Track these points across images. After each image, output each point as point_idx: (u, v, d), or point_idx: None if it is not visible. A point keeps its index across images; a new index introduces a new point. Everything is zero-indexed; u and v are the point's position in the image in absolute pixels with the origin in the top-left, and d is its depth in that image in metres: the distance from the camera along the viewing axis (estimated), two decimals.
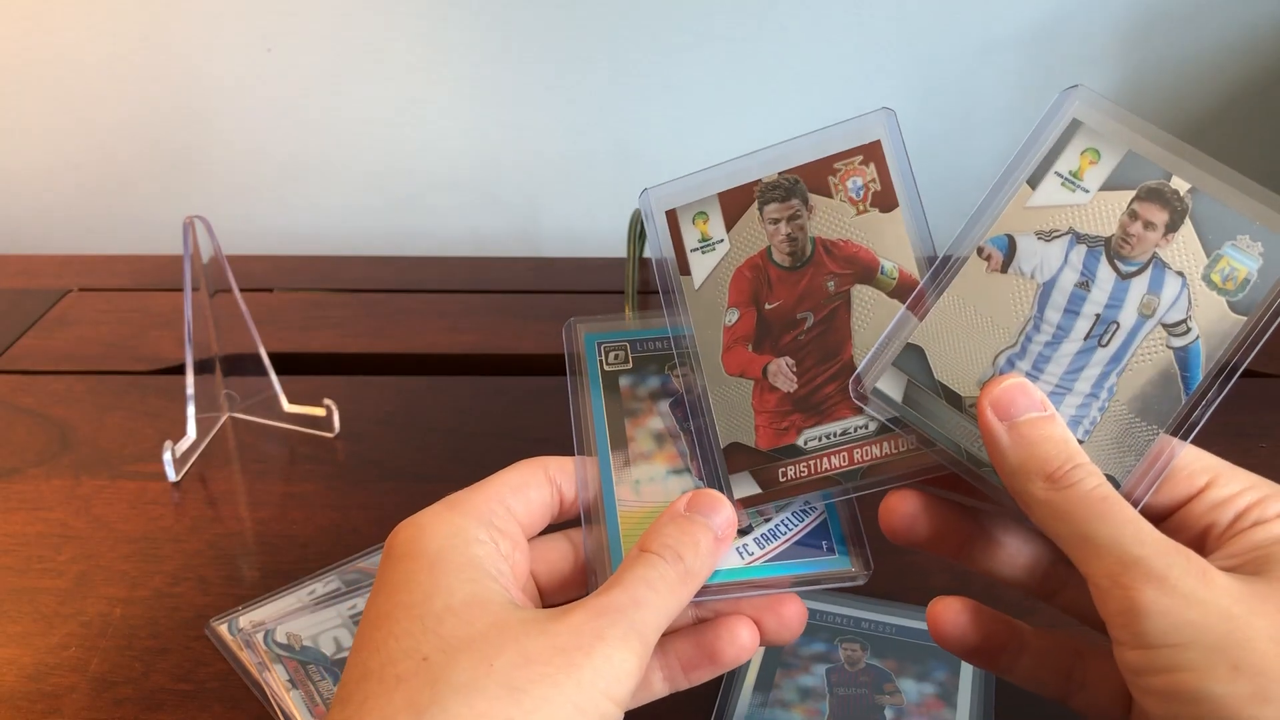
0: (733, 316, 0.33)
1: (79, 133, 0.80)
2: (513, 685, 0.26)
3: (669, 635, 0.32)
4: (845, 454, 0.31)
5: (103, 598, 0.43)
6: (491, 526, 0.31)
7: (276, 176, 0.81)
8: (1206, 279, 0.29)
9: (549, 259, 0.75)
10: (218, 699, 0.38)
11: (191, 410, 0.51)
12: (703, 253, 0.34)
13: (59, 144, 0.80)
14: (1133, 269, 0.30)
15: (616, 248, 0.70)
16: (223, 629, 0.41)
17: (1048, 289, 0.30)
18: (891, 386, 0.31)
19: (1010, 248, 0.31)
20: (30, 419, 0.55)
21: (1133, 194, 0.30)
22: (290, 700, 0.38)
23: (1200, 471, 0.29)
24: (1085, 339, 0.30)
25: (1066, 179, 0.31)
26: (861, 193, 0.33)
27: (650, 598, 0.29)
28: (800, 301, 0.33)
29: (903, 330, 0.31)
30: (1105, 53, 0.76)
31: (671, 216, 0.35)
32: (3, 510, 0.48)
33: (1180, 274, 0.30)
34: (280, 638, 0.40)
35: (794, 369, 0.32)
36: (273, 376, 0.53)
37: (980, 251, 0.31)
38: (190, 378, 0.50)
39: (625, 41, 0.76)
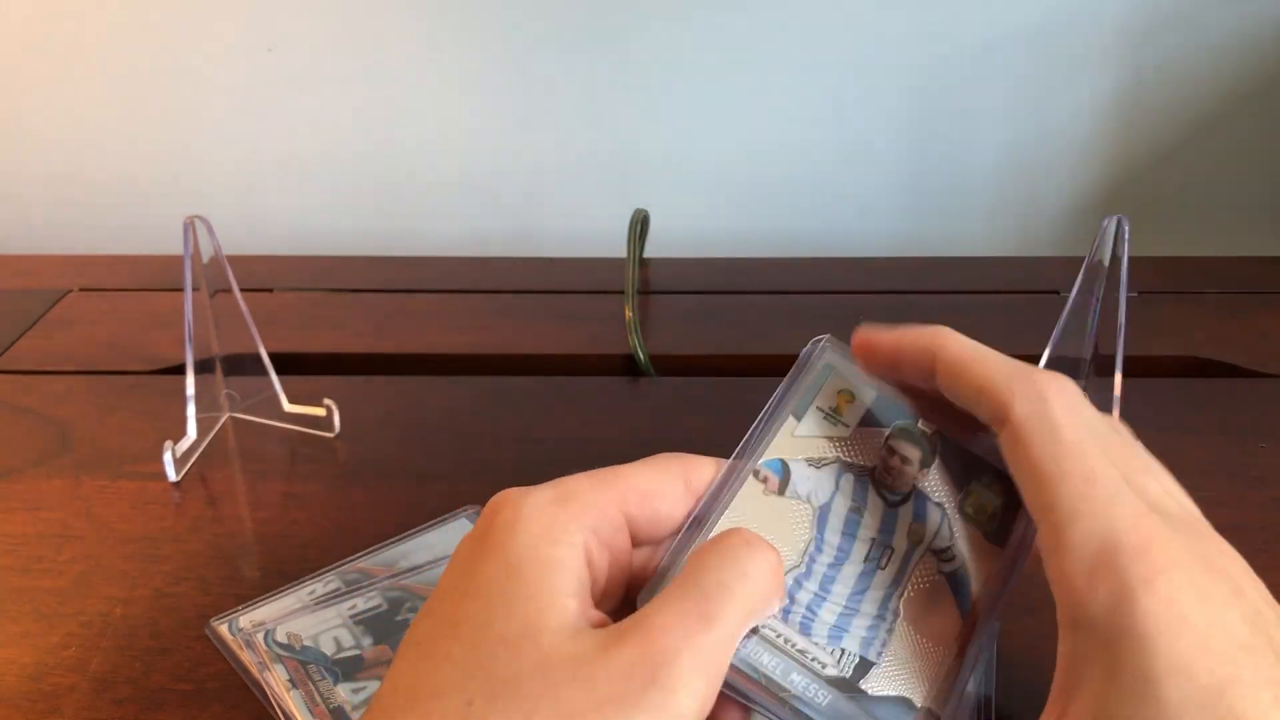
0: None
1: (79, 133, 0.80)
2: None
3: None
4: None
5: (103, 598, 0.43)
6: (597, 534, 0.28)
7: (276, 176, 0.81)
8: (963, 510, 0.32)
9: (549, 259, 0.75)
10: (218, 699, 0.38)
11: (192, 410, 0.51)
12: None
13: (59, 144, 0.80)
14: (897, 499, 0.32)
15: (617, 248, 0.70)
16: (223, 629, 0.41)
17: (824, 513, 0.32)
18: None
19: (785, 471, 0.32)
20: (30, 419, 0.55)
21: (887, 431, 0.33)
22: (290, 700, 0.38)
23: (1038, 475, 0.28)
24: (865, 561, 0.31)
25: (828, 413, 0.34)
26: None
27: (727, 610, 0.26)
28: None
29: (685, 551, 0.30)
30: (1105, 53, 0.76)
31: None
32: (3, 510, 0.48)
33: (940, 505, 0.32)
34: (280, 637, 0.40)
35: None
36: (273, 376, 0.53)
37: (757, 474, 0.32)
38: (190, 378, 0.50)
39: (626, 41, 0.76)
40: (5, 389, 0.58)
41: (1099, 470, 0.27)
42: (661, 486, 0.30)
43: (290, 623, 0.41)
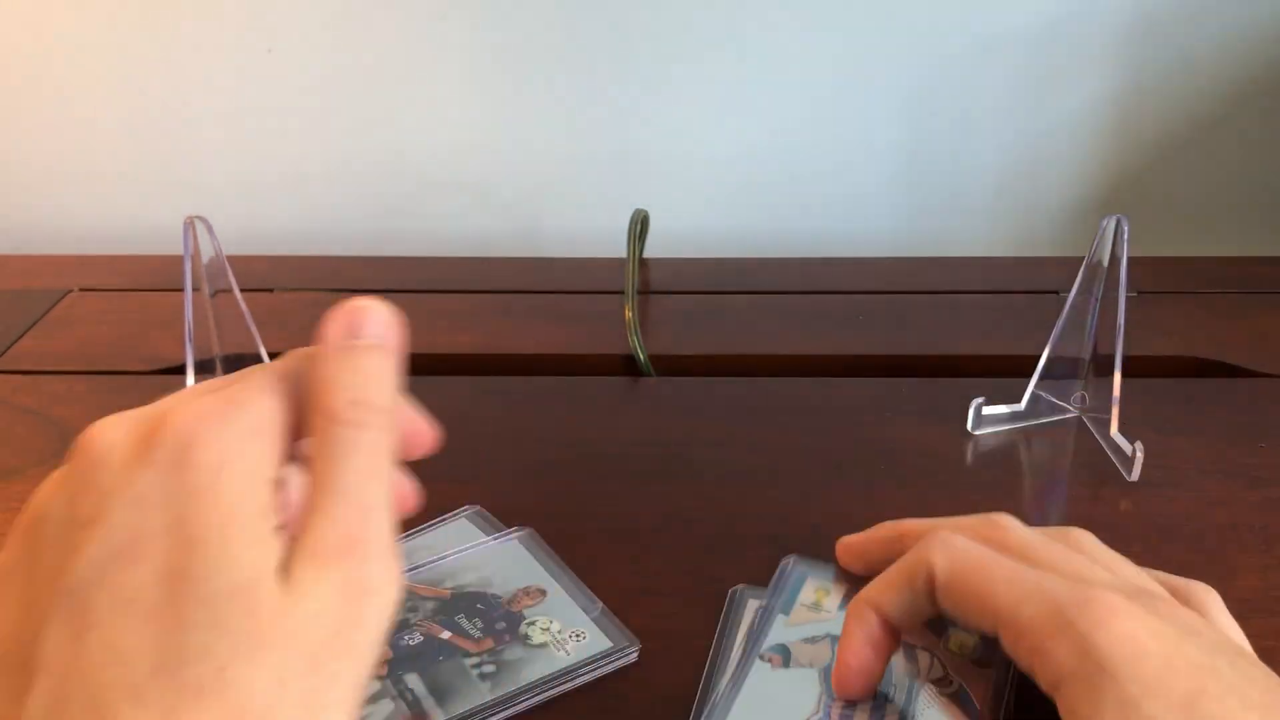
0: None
1: (79, 132, 0.80)
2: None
3: None
4: None
5: None
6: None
7: (276, 176, 0.81)
8: (948, 649, 0.36)
9: (549, 259, 0.75)
10: None
11: None
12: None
13: (59, 144, 0.80)
14: None
15: (616, 248, 0.70)
16: None
17: (826, 673, 0.37)
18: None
19: (786, 651, 0.38)
20: (31, 419, 0.55)
21: None
22: None
23: (983, 608, 0.31)
24: (874, 699, 0.36)
25: (811, 607, 0.40)
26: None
27: (378, 511, 0.25)
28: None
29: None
30: (1105, 53, 0.76)
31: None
32: (4, 510, 0.48)
33: (927, 650, 0.37)
34: None
35: None
36: None
37: (762, 657, 0.38)
38: (191, 378, 0.51)
39: (626, 41, 0.76)
40: (5, 389, 0.58)
41: (1018, 570, 0.31)
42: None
43: None
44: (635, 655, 0.38)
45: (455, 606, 0.41)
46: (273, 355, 0.53)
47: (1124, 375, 0.49)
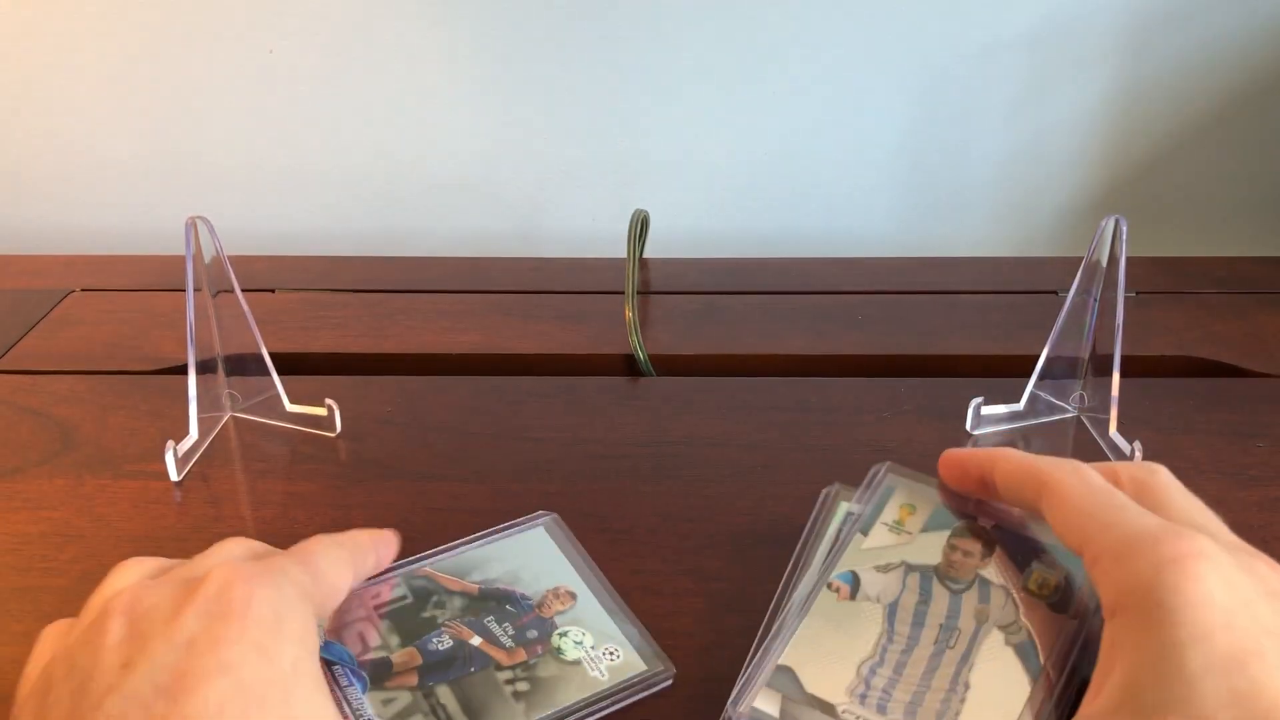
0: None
1: (81, 133, 0.80)
2: None
3: None
4: None
5: None
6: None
7: (277, 177, 0.81)
8: (1026, 588, 0.36)
9: (549, 259, 0.76)
10: None
11: (194, 410, 0.51)
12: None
13: (61, 145, 0.81)
14: (961, 586, 0.37)
15: (616, 248, 0.70)
16: None
17: (892, 608, 0.37)
18: (768, 703, 0.34)
19: (855, 580, 0.38)
20: (33, 419, 0.55)
21: (949, 533, 0.39)
22: None
23: (1078, 532, 0.32)
24: (934, 644, 0.35)
25: (892, 526, 0.40)
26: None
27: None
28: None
29: (770, 655, 0.36)
30: (1105, 53, 0.76)
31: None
32: (5, 509, 0.48)
33: (1003, 587, 0.36)
34: None
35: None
36: (275, 376, 0.53)
37: (830, 585, 0.38)
38: (192, 378, 0.51)
39: (626, 42, 0.76)
40: (8, 389, 0.58)
41: (1118, 499, 0.30)
42: (340, 585, 0.36)
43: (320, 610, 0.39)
44: (670, 681, 0.38)
45: (484, 606, 0.40)
46: (274, 355, 0.53)
47: (1123, 375, 0.50)
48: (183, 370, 0.51)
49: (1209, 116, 0.78)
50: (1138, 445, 0.48)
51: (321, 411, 0.53)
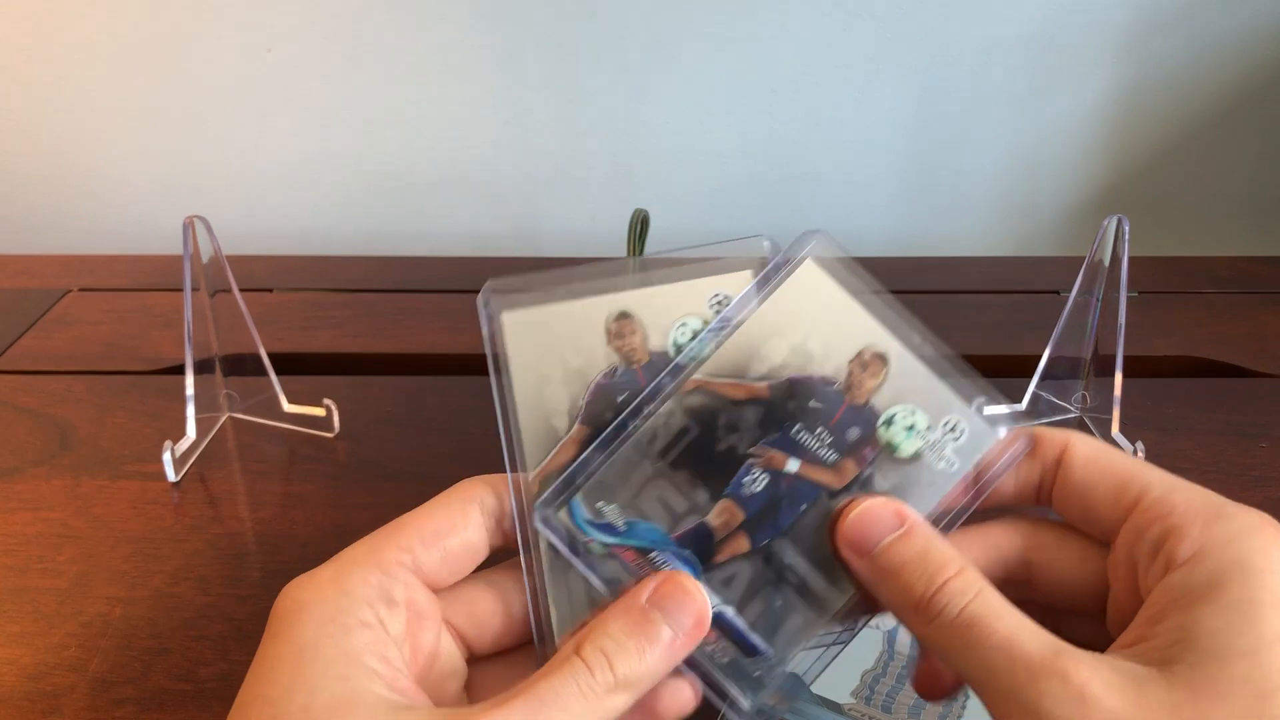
0: None
1: (79, 133, 0.80)
2: None
3: None
4: None
5: (102, 598, 0.43)
6: (385, 602, 0.26)
7: (276, 176, 0.81)
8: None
9: (549, 259, 0.75)
10: (218, 699, 0.38)
11: (191, 410, 0.51)
12: None
13: (59, 144, 0.80)
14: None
15: (616, 248, 0.70)
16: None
17: (892, 634, 0.35)
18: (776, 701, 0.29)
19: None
20: (30, 419, 0.55)
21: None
22: None
23: (1128, 484, 0.28)
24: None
25: None
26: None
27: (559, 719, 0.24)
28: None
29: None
30: (1105, 53, 0.76)
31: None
32: (3, 510, 0.48)
33: None
34: (588, 513, 0.31)
35: None
36: (273, 376, 0.53)
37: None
38: (190, 378, 0.50)
39: (626, 41, 0.76)
40: (5, 389, 0.58)
41: (1164, 473, 0.28)
42: (451, 521, 0.28)
43: (591, 484, 0.29)
44: (1026, 446, 0.29)
45: (782, 410, 0.29)
46: (272, 355, 0.53)
47: (1125, 375, 0.49)
48: (180, 370, 0.51)
49: (1209, 116, 0.78)
50: (1140, 446, 0.48)
51: (320, 412, 0.53)
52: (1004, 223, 0.82)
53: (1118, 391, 0.49)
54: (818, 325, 0.30)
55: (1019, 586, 0.29)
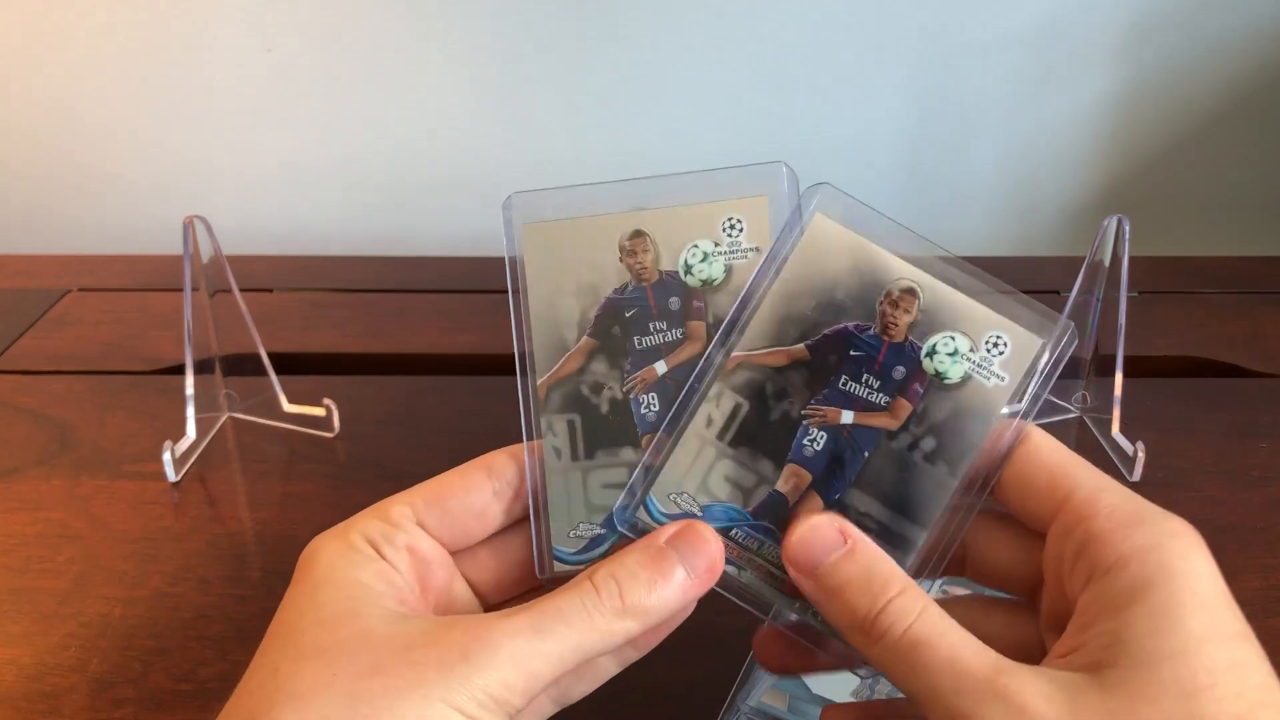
0: None
1: (79, 133, 0.80)
2: (353, 695, 0.24)
3: None
4: None
5: (102, 598, 0.43)
6: (387, 543, 0.28)
7: (276, 176, 0.81)
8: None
9: None
10: (218, 699, 0.38)
11: (191, 410, 0.51)
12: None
13: (59, 144, 0.80)
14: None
15: None
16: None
17: None
18: (776, 700, 0.33)
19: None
20: (30, 419, 0.55)
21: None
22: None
23: (1059, 481, 0.28)
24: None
25: None
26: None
27: (558, 631, 0.26)
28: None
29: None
30: (1105, 53, 0.76)
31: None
32: (2, 510, 0.48)
33: None
34: (664, 505, 0.32)
35: None
36: (273, 376, 0.53)
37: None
38: (190, 378, 0.50)
39: (626, 41, 0.76)
40: (5, 389, 0.58)
41: (1096, 474, 0.28)
42: (455, 486, 0.31)
43: (661, 479, 0.30)
44: (1072, 332, 0.30)
45: (825, 366, 0.30)
46: (272, 355, 0.53)
47: (1125, 375, 0.49)
48: (180, 370, 0.51)
49: (1209, 116, 0.78)
50: (1140, 446, 0.48)
51: (320, 412, 0.53)
52: (1004, 223, 0.82)
53: (1118, 391, 0.49)
54: (840, 276, 0.30)
55: (954, 565, 0.30)
